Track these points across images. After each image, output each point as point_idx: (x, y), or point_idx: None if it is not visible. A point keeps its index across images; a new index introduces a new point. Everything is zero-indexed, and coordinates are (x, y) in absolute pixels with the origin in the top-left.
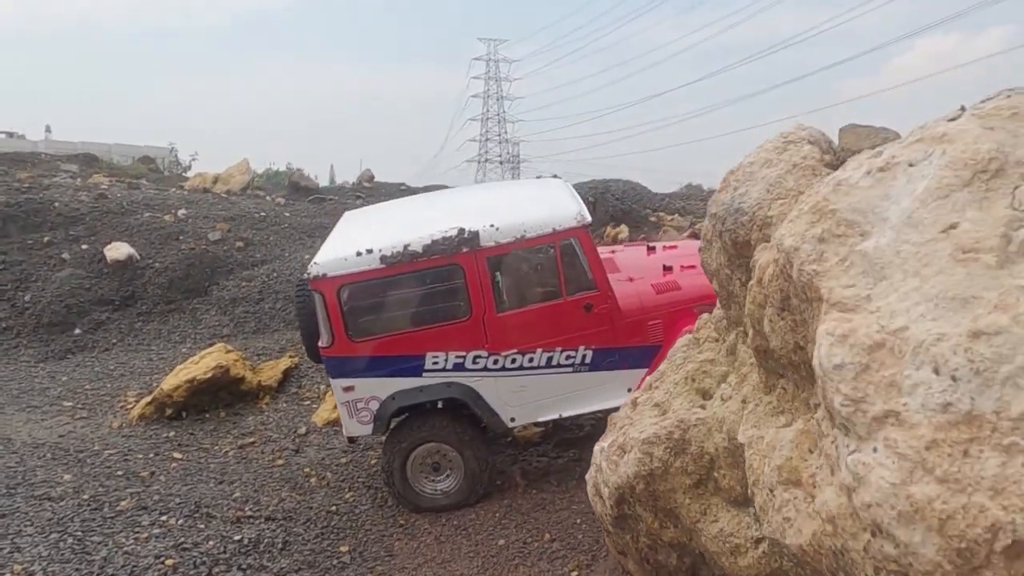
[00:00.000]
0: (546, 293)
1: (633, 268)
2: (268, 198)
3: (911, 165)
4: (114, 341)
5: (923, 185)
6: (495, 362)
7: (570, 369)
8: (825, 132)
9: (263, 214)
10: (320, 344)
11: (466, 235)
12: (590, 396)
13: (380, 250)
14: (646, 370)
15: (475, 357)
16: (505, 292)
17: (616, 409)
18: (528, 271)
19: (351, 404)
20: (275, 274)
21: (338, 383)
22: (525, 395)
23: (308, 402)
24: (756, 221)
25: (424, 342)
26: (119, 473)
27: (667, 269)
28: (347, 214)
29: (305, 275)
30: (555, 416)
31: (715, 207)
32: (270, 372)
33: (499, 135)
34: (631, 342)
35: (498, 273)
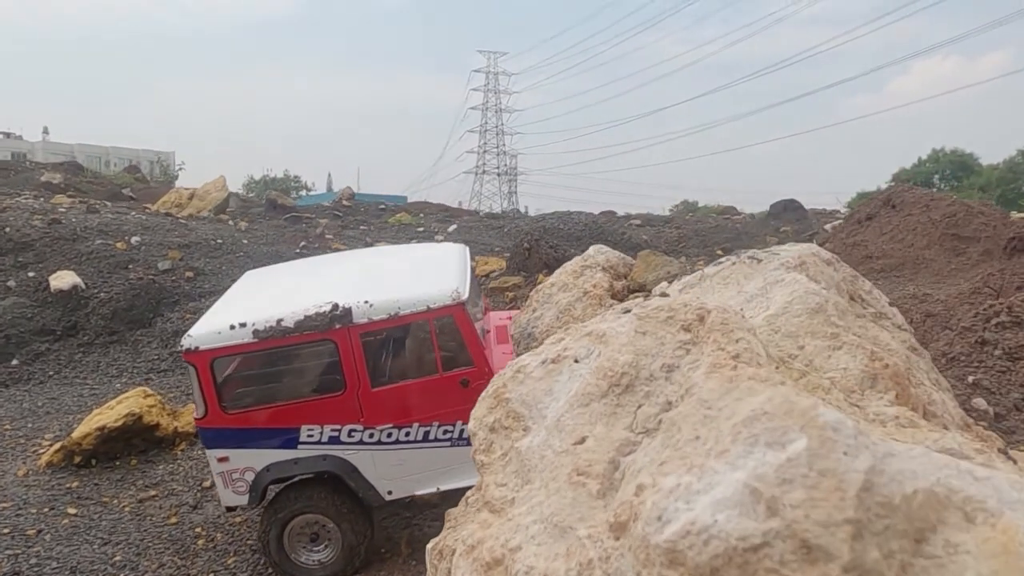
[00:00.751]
0: (422, 368)
1: None
2: (231, 223)
3: (576, 361)
4: (51, 373)
5: (576, 387)
6: (371, 436)
7: (448, 443)
8: (625, 257)
9: (220, 241)
10: (194, 415)
11: (339, 312)
12: (469, 470)
13: (253, 324)
14: None
15: (350, 431)
16: (380, 367)
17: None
18: (404, 346)
19: (226, 475)
20: None
21: (213, 453)
22: (403, 468)
23: None
24: None
25: (299, 415)
26: (5, 531)
27: None
28: (247, 275)
29: (180, 346)
30: (433, 489)
31: (514, 328)
32: (190, 417)
33: (497, 147)
34: None
35: (390, 342)
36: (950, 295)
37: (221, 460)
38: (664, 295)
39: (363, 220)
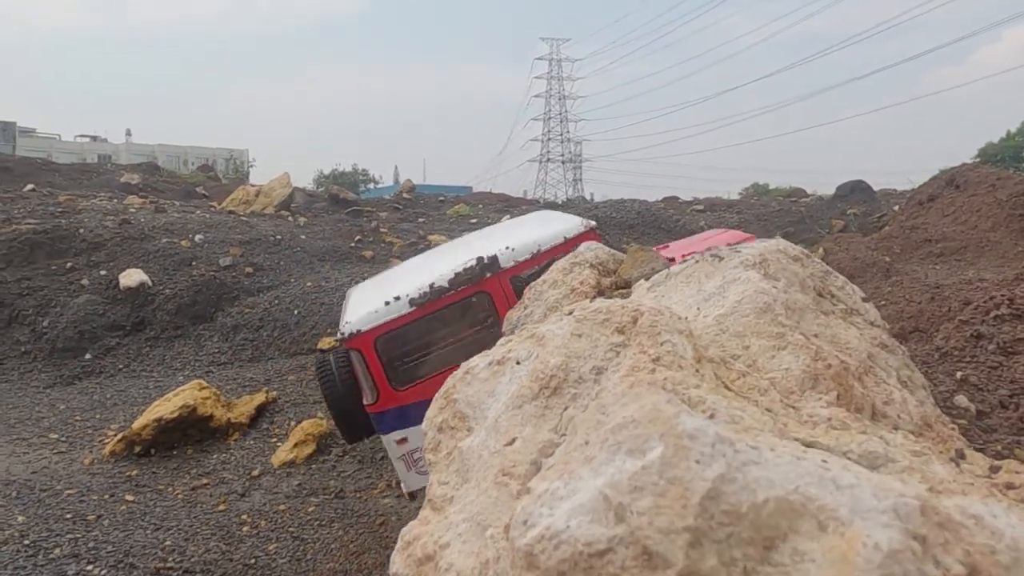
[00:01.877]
0: None
1: None
2: (290, 219)
3: (518, 363)
4: (120, 367)
5: (513, 389)
6: None
7: None
8: (616, 253)
9: (279, 237)
10: (365, 403)
11: (486, 261)
12: None
13: (407, 295)
14: None
15: None
16: None
17: None
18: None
19: (408, 456)
20: (276, 301)
21: (390, 438)
22: None
23: (275, 439)
24: None
25: None
26: (68, 516)
27: None
28: (352, 290)
29: (339, 337)
30: None
31: (506, 324)
32: (243, 408)
33: (561, 135)
34: None
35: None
36: (994, 282)
37: (400, 442)
38: (623, 296)
39: (422, 212)
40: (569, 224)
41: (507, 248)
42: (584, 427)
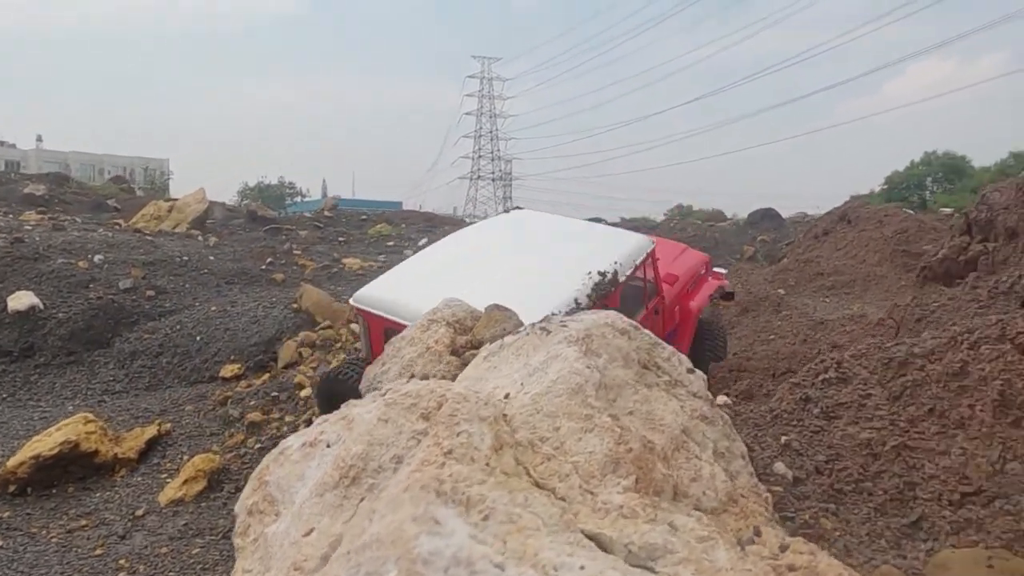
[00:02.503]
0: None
1: None
2: (200, 239)
3: (328, 446)
4: (4, 396)
5: (318, 476)
6: None
7: None
8: (475, 311)
9: (185, 258)
10: None
11: (609, 276)
12: None
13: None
14: None
15: None
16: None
17: None
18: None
19: None
20: (178, 326)
21: None
22: None
23: (165, 475)
24: None
25: None
26: None
27: None
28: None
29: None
30: None
31: (364, 380)
32: (132, 442)
33: (492, 153)
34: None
35: None
36: (868, 320)
37: None
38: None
39: (343, 231)
40: (640, 240)
41: (616, 263)
42: (351, 534)
